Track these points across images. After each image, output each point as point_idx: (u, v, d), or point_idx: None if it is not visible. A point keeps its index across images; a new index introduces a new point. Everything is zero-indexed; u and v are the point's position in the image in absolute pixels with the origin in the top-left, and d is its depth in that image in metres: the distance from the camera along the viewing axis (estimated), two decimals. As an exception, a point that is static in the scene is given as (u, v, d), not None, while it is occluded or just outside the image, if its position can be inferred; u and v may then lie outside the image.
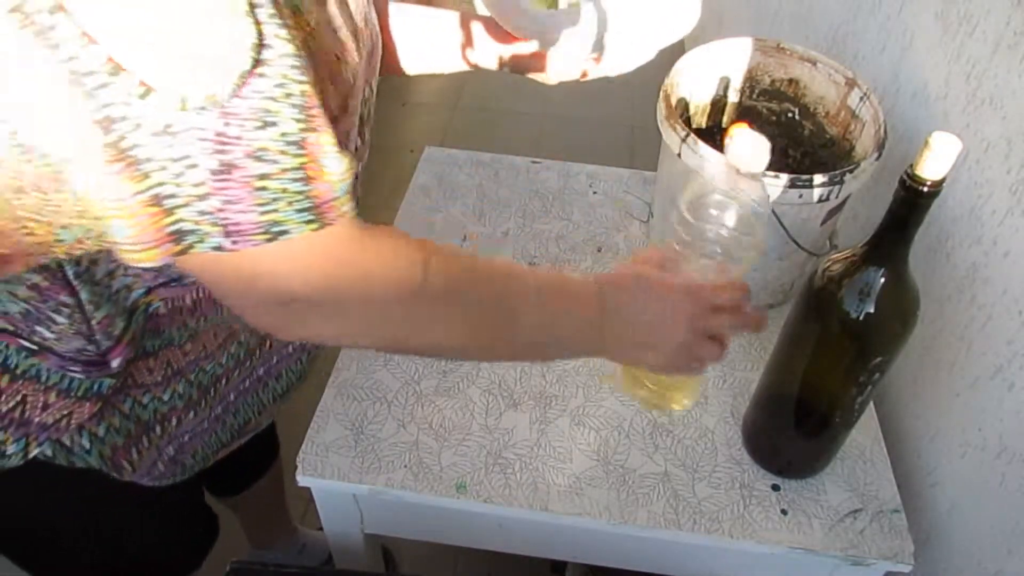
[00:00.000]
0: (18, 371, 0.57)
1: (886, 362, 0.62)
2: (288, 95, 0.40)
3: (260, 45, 0.39)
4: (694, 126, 0.94)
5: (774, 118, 0.93)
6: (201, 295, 0.61)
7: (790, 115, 0.91)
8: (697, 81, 0.90)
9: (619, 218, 1.00)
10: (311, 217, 0.43)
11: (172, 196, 0.40)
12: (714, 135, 0.92)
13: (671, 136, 0.79)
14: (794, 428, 0.71)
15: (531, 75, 0.78)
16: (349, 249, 0.48)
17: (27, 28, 0.35)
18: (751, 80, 0.92)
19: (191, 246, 0.42)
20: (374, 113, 0.66)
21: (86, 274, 0.53)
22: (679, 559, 0.77)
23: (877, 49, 0.97)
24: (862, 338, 0.61)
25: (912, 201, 0.54)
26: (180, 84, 0.37)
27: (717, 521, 0.70)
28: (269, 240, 0.42)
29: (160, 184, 0.39)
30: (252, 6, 0.38)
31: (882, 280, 0.58)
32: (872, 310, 0.59)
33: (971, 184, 0.71)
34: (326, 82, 0.48)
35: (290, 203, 0.42)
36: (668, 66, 0.86)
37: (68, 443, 0.63)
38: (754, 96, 0.93)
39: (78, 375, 0.58)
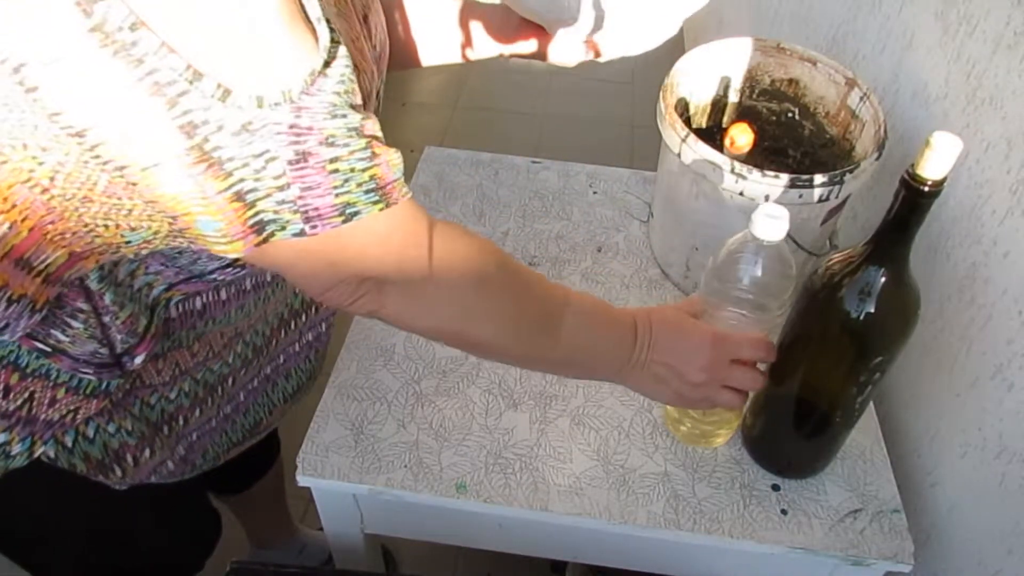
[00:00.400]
0: (28, 370, 0.57)
1: (886, 362, 0.62)
2: (347, 91, 0.43)
3: (334, 43, 0.42)
4: (694, 126, 0.94)
5: (774, 118, 0.93)
6: (210, 299, 0.63)
7: (790, 115, 0.91)
8: (697, 81, 0.90)
9: (619, 218, 1.00)
10: (377, 197, 0.46)
11: (253, 190, 0.42)
12: (714, 135, 0.92)
13: (671, 136, 0.79)
14: (794, 428, 0.71)
15: (551, 60, 0.77)
16: (417, 230, 0.52)
17: (108, 47, 0.36)
18: (751, 80, 0.92)
19: (272, 234, 0.44)
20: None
21: (109, 276, 0.54)
22: (679, 559, 0.77)
23: (877, 49, 0.97)
24: (862, 338, 0.61)
25: (912, 201, 0.54)
26: (256, 84, 0.39)
27: (717, 521, 0.70)
28: (345, 221, 0.45)
29: (241, 180, 0.41)
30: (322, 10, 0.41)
31: (882, 280, 0.58)
32: (872, 310, 0.59)
33: (971, 184, 0.71)
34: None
35: (359, 184, 0.45)
36: (668, 66, 0.86)
37: (70, 443, 0.63)
38: (754, 96, 0.93)
39: (89, 376, 0.59)
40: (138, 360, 0.59)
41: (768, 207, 0.59)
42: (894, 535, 0.70)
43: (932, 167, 0.52)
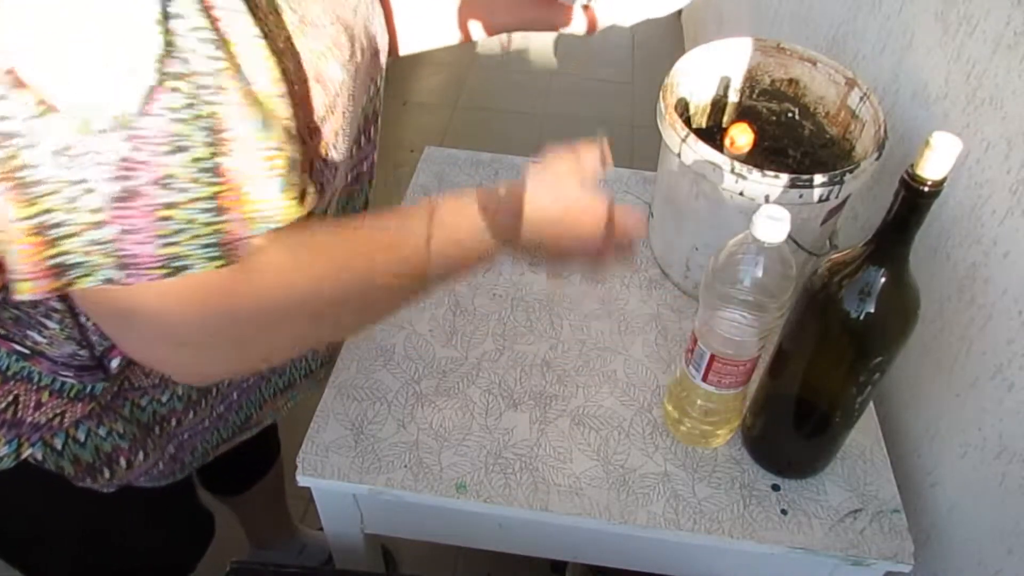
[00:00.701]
0: (9, 372, 0.57)
1: (886, 362, 0.62)
2: (198, 116, 0.37)
3: (167, 57, 0.36)
4: (694, 126, 0.94)
5: (774, 118, 0.93)
6: None
7: (790, 115, 0.91)
8: (697, 81, 0.90)
9: (619, 218, 1.00)
10: (217, 253, 0.40)
11: (59, 225, 0.36)
12: (714, 135, 0.92)
13: (671, 136, 0.79)
14: (794, 428, 0.71)
15: (563, 30, 0.75)
16: (248, 282, 0.43)
17: None
18: (751, 80, 0.92)
19: (74, 281, 0.38)
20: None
21: None
22: (679, 559, 0.77)
23: (877, 49, 0.97)
24: (862, 338, 0.61)
25: (912, 201, 0.54)
26: (83, 103, 0.35)
27: (717, 521, 0.71)
28: (168, 275, 0.39)
29: (48, 211, 0.36)
30: (166, 16, 0.35)
31: (882, 280, 0.58)
32: (872, 310, 0.59)
33: (971, 184, 0.71)
34: (311, 82, 0.48)
35: (196, 236, 0.39)
36: (668, 66, 0.86)
37: (59, 446, 0.62)
38: (754, 96, 0.93)
39: (70, 379, 0.58)
40: (114, 364, 0.58)
41: (769, 209, 0.59)
42: (894, 535, 0.70)
43: (932, 167, 0.52)
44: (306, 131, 0.48)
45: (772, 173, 0.72)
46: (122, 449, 0.66)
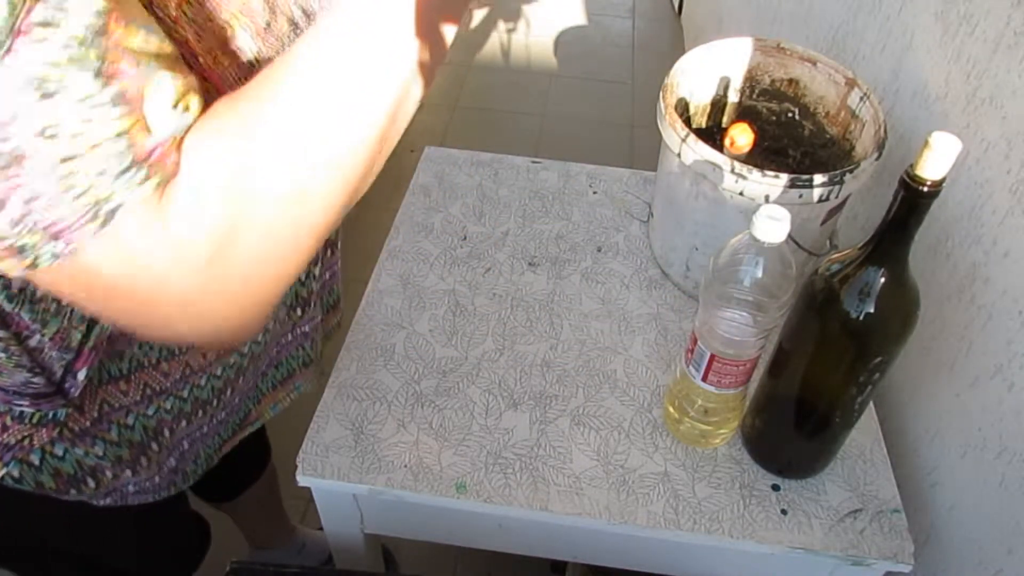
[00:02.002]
0: None
1: (886, 362, 0.62)
2: (82, 39, 0.31)
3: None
4: (694, 126, 0.94)
5: (774, 118, 0.93)
6: None
7: (790, 115, 0.91)
8: (697, 81, 0.90)
9: (619, 218, 1.01)
10: (139, 174, 0.34)
11: None
12: (714, 135, 0.92)
13: (671, 136, 0.79)
14: (794, 428, 0.71)
15: None
16: (189, 191, 0.36)
17: None
18: (751, 80, 0.92)
19: (34, 264, 0.34)
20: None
21: (21, 295, 0.48)
22: (679, 559, 0.77)
23: (877, 49, 0.97)
24: (862, 338, 0.61)
25: (912, 201, 0.54)
26: None
27: (717, 521, 0.71)
28: (103, 224, 0.34)
29: None
30: None
31: (882, 280, 0.58)
32: (872, 310, 0.59)
33: (971, 184, 0.71)
34: (216, 52, 0.44)
35: (104, 172, 0.33)
36: (668, 66, 0.86)
37: (37, 462, 0.60)
38: (754, 96, 0.93)
39: (26, 408, 0.54)
40: (81, 376, 0.53)
41: (769, 209, 0.59)
42: (894, 535, 0.70)
43: (931, 167, 0.52)
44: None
45: (772, 173, 0.72)
46: (105, 466, 0.64)
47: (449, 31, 0.45)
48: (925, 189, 0.52)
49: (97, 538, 0.73)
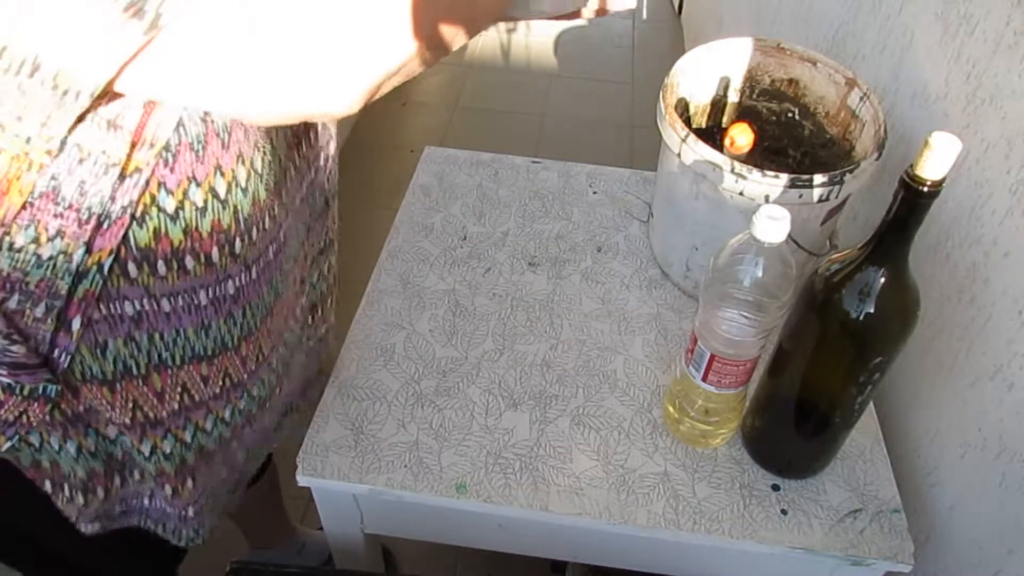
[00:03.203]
0: None
1: (886, 362, 0.62)
2: None
3: None
4: (694, 126, 0.94)
5: (774, 118, 0.93)
6: (146, 307, 0.52)
7: (790, 115, 0.91)
8: (697, 81, 0.90)
9: (619, 218, 1.01)
10: None
11: None
12: (714, 135, 0.92)
13: (671, 136, 0.79)
14: (794, 428, 0.71)
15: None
16: None
17: None
18: (751, 80, 0.92)
19: (158, 18, 0.36)
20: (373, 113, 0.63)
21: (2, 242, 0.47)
22: (679, 559, 0.77)
23: (877, 49, 0.97)
24: (862, 338, 0.61)
25: (912, 201, 0.54)
26: None
27: (717, 521, 0.71)
28: None
29: None
30: None
31: (882, 280, 0.58)
32: (872, 310, 0.59)
33: (971, 184, 0.71)
34: None
35: None
36: (668, 66, 0.86)
37: (37, 443, 0.59)
38: (754, 96, 0.93)
39: (2, 378, 0.52)
40: (76, 325, 0.50)
41: (769, 209, 0.59)
42: (894, 535, 0.70)
43: (931, 167, 0.52)
44: None
45: (772, 173, 0.72)
46: (98, 473, 0.62)
47: None
48: (925, 189, 0.52)
49: (71, 537, 0.72)
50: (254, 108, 0.44)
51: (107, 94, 0.40)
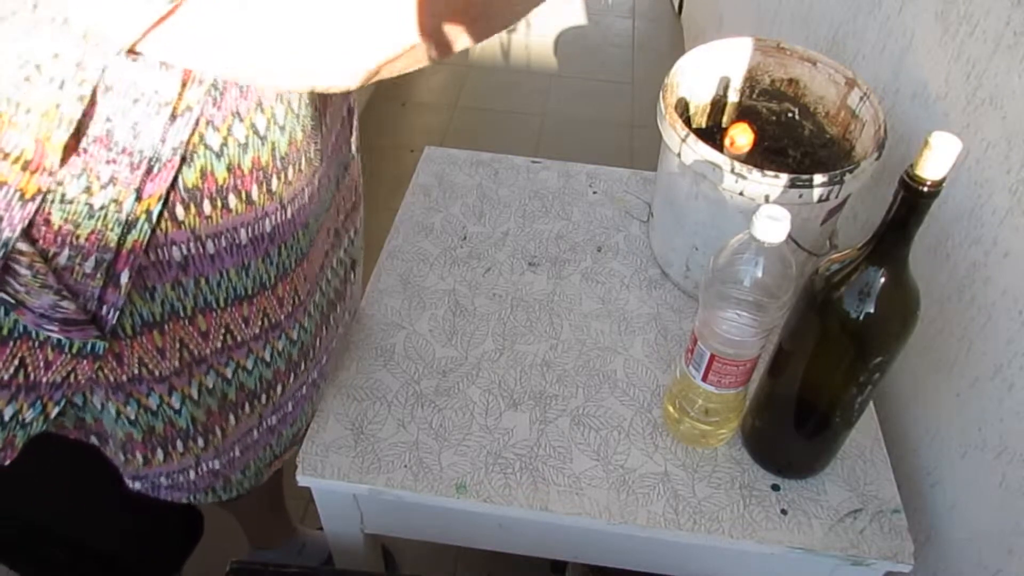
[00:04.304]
0: (5, 331, 0.53)
1: (886, 362, 0.62)
2: None
3: None
4: (694, 126, 0.94)
5: (774, 118, 0.93)
6: (192, 251, 0.54)
7: (790, 115, 0.91)
8: (697, 81, 0.90)
9: (619, 218, 1.01)
10: None
11: None
12: (714, 135, 0.92)
13: (671, 136, 0.79)
14: (794, 428, 0.71)
15: None
16: None
17: None
18: (751, 80, 0.92)
19: None
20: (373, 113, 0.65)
21: (51, 195, 0.47)
22: (679, 559, 0.77)
23: (877, 49, 0.97)
24: (862, 338, 0.61)
25: (912, 201, 0.54)
26: None
27: (717, 521, 0.71)
28: None
29: None
30: None
31: (882, 280, 0.58)
32: (872, 310, 0.59)
33: (971, 184, 0.71)
34: None
35: None
36: (668, 66, 0.86)
37: (80, 403, 0.59)
38: (754, 96, 0.93)
39: (55, 334, 0.53)
40: (123, 279, 0.51)
41: (769, 209, 0.59)
42: (894, 535, 0.70)
43: (931, 167, 0.52)
44: None
45: (772, 173, 0.72)
46: (135, 440, 0.62)
47: None
48: (925, 189, 0.52)
49: (89, 521, 0.72)
50: (264, 78, 0.47)
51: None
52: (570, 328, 0.87)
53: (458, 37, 0.47)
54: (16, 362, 0.54)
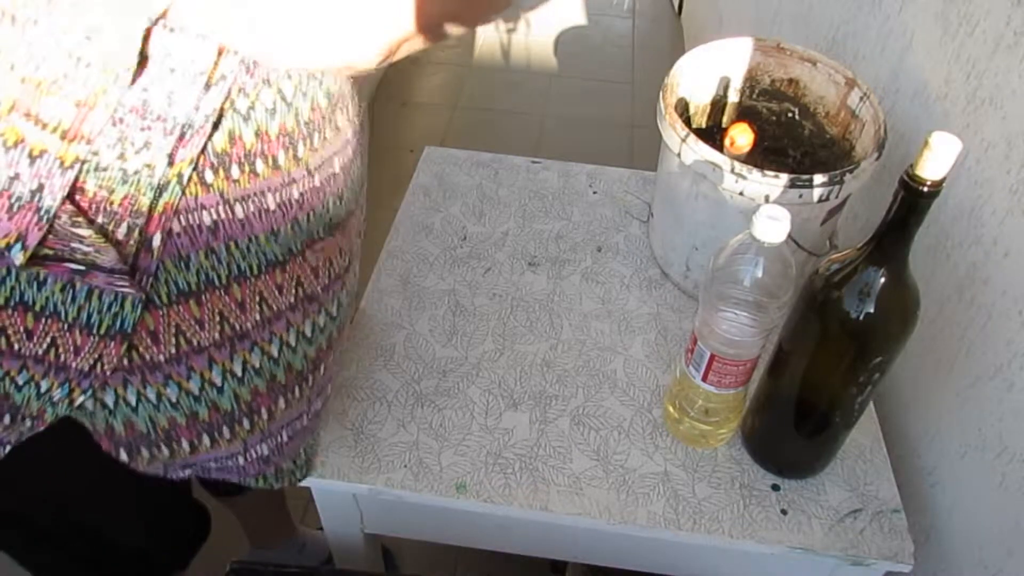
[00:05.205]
0: (37, 308, 0.54)
1: (886, 362, 0.62)
2: None
3: None
4: (694, 126, 0.94)
5: (774, 118, 0.93)
6: (222, 215, 0.55)
7: (790, 115, 0.91)
8: (697, 81, 0.90)
9: (619, 218, 1.01)
10: None
11: None
12: (714, 135, 0.92)
13: (671, 136, 0.79)
14: (794, 428, 0.71)
15: None
16: None
17: None
18: (751, 80, 0.92)
19: None
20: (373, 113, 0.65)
21: (86, 165, 0.49)
22: (679, 559, 0.77)
23: (877, 49, 0.97)
24: (862, 338, 0.61)
25: (912, 201, 0.54)
26: None
27: (717, 521, 0.71)
28: None
29: None
30: None
31: (882, 280, 0.58)
32: (872, 310, 0.59)
33: (971, 184, 0.71)
34: None
35: None
36: (668, 66, 0.86)
37: (111, 403, 0.59)
38: (754, 96, 0.93)
39: (125, 288, 0.53)
40: (156, 242, 0.53)
41: (769, 209, 0.59)
42: (894, 535, 0.70)
43: (931, 167, 0.52)
44: None
45: (772, 173, 0.72)
46: (180, 427, 0.62)
47: None
48: (925, 189, 0.52)
49: (106, 511, 0.73)
50: (284, 56, 0.49)
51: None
52: (570, 328, 0.87)
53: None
54: (48, 339, 0.55)
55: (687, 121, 0.92)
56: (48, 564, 0.79)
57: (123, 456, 0.63)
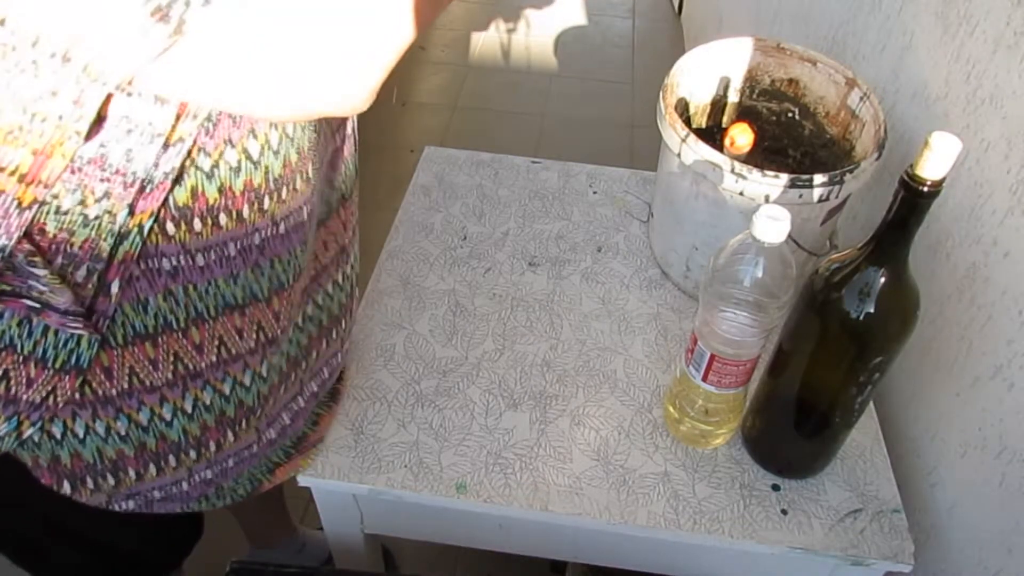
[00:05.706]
0: None
1: (886, 362, 0.62)
2: None
3: None
4: (694, 126, 0.94)
5: (774, 118, 0.93)
6: (182, 263, 0.55)
7: (790, 115, 0.91)
8: (697, 81, 0.90)
9: (619, 218, 1.01)
10: None
11: None
12: (714, 135, 0.92)
13: (671, 136, 0.79)
14: (794, 428, 0.71)
15: None
16: None
17: None
18: (751, 80, 0.92)
19: (182, 20, 0.39)
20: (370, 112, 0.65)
21: (46, 207, 0.49)
22: (679, 559, 0.77)
23: (877, 49, 0.97)
24: (862, 338, 0.61)
25: (912, 201, 0.54)
26: None
27: (717, 521, 0.71)
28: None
29: None
30: None
31: (882, 280, 0.58)
32: (872, 310, 0.59)
33: (971, 184, 0.71)
34: None
35: None
36: (668, 66, 0.86)
37: (58, 435, 0.59)
38: (754, 96, 0.93)
39: (78, 330, 0.53)
40: (114, 288, 0.53)
41: (769, 209, 0.59)
42: (894, 535, 0.70)
43: (931, 167, 0.52)
44: None
45: (772, 173, 0.72)
46: (127, 457, 0.62)
47: None
48: (925, 189, 0.53)
49: (95, 516, 0.72)
50: (269, 110, 0.49)
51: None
52: (570, 328, 0.87)
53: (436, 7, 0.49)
54: (0, 371, 0.54)
55: (687, 121, 0.92)
56: (41, 567, 0.79)
57: (66, 488, 0.63)
